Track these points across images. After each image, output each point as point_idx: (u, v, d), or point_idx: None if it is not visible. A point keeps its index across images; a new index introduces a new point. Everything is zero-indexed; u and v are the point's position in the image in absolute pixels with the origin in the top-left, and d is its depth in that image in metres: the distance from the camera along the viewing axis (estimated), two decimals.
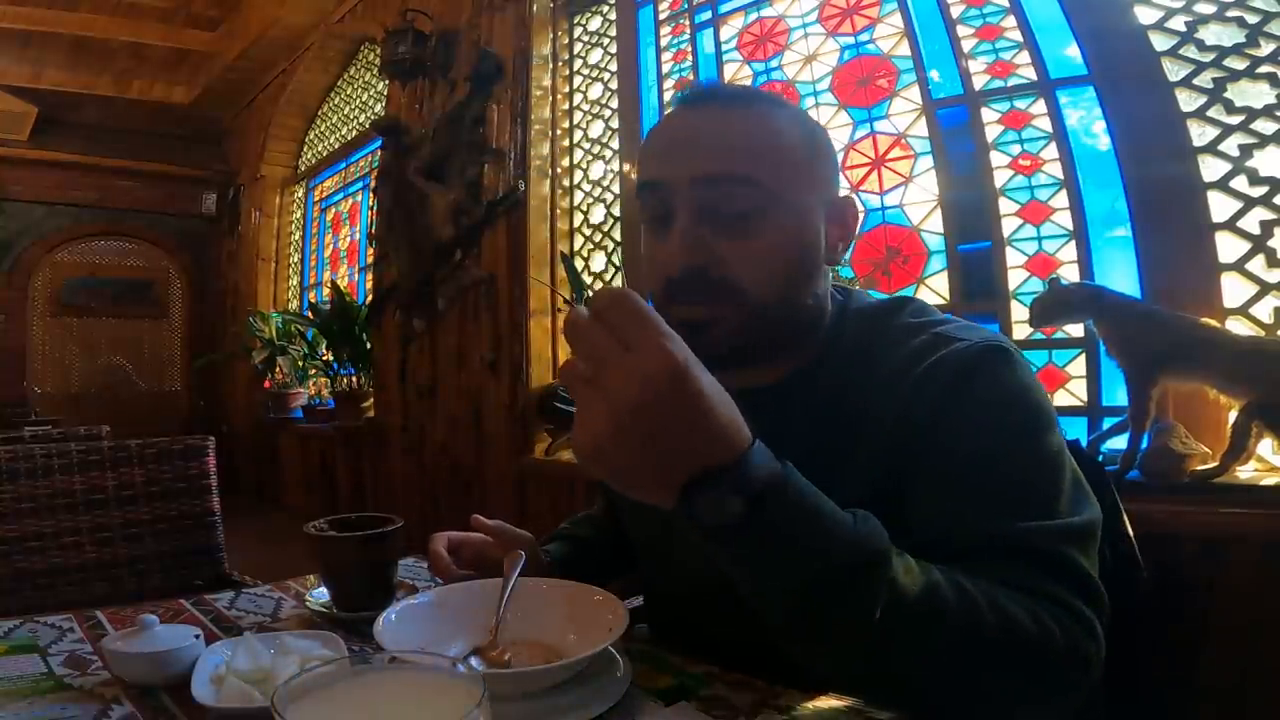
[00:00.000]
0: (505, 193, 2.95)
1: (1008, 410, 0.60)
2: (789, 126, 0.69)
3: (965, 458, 0.58)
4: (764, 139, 0.67)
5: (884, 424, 0.63)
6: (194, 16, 4.96)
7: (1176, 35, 1.66)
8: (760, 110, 0.69)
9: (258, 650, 0.65)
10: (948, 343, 0.64)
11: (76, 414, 4.97)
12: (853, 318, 0.73)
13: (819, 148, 0.71)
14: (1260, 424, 1.35)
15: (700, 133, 0.68)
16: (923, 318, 0.70)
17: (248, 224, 5.41)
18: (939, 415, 0.60)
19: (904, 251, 2.11)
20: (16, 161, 5.28)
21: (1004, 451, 0.58)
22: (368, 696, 0.43)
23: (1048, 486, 0.57)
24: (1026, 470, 0.58)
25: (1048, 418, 0.61)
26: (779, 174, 0.66)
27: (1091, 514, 0.58)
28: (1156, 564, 0.87)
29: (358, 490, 3.89)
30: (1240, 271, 1.56)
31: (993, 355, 0.62)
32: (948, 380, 0.61)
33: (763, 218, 0.66)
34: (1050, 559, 0.54)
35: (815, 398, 0.70)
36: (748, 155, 0.66)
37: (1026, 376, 0.63)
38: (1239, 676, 1.34)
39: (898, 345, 0.67)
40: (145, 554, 1.37)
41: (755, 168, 0.66)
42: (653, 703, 0.61)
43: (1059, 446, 0.60)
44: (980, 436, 0.58)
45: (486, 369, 2.99)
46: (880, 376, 0.66)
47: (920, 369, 0.63)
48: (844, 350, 0.71)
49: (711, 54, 2.64)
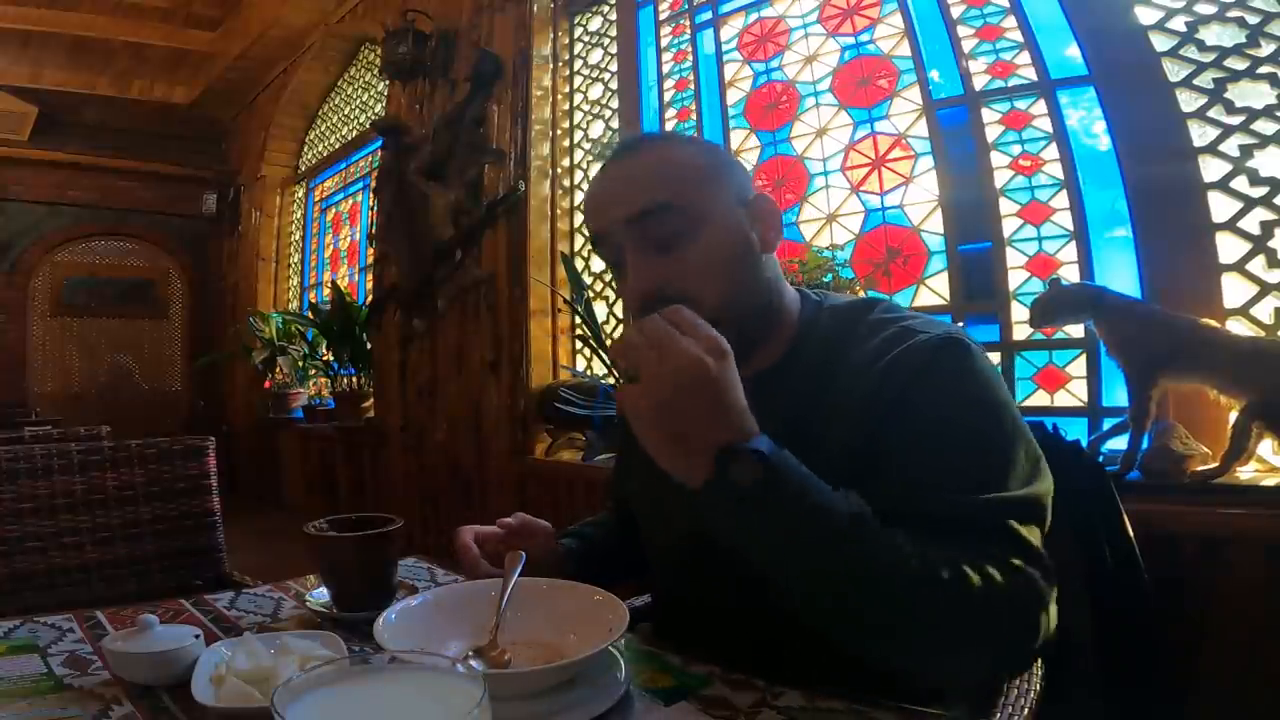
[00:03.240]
0: (505, 193, 2.95)
1: (965, 394, 0.66)
2: (690, 154, 0.80)
3: (924, 437, 0.65)
4: (672, 170, 0.78)
5: (852, 409, 0.69)
6: (194, 16, 4.97)
7: (1177, 35, 1.66)
8: (663, 148, 0.82)
9: (258, 650, 0.65)
10: (912, 334, 0.71)
11: (76, 414, 4.97)
12: (826, 314, 0.81)
13: (721, 163, 0.82)
14: (1260, 424, 1.35)
15: (620, 181, 0.79)
16: (892, 314, 0.77)
17: (248, 224, 5.41)
18: (903, 399, 0.66)
19: (904, 252, 2.11)
20: (16, 161, 5.29)
21: (961, 431, 0.65)
22: (368, 696, 0.43)
23: (996, 467, 0.64)
24: (980, 448, 0.64)
25: (1002, 401, 0.67)
26: (691, 194, 0.76)
27: (1040, 487, 0.65)
28: (1156, 564, 0.87)
29: (358, 490, 3.89)
30: (1240, 272, 1.56)
31: (953, 345, 0.68)
32: (913, 367, 0.67)
33: (690, 233, 0.76)
34: (998, 531, 0.61)
35: (791, 386, 0.77)
36: (662, 186, 0.76)
37: (984, 364, 0.70)
38: (1239, 676, 1.34)
39: (867, 339, 0.74)
40: (145, 554, 1.37)
41: (671, 194, 0.76)
42: (653, 703, 0.61)
43: (1013, 425, 0.66)
44: (938, 418, 0.65)
45: (487, 369, 2.99)
46: (850, 366, 0.73)
47: (887, 358, 0.69)
48: (817, 344, 0.78)
49: (712, 54, 2.64)
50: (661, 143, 0.85)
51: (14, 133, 5.18)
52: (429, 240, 3.22)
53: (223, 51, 5.12)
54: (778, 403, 0.74)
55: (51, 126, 5.28)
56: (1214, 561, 1.36)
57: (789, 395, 0.76)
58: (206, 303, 5.98)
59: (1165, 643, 1.30)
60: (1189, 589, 1.37)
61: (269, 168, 5.29)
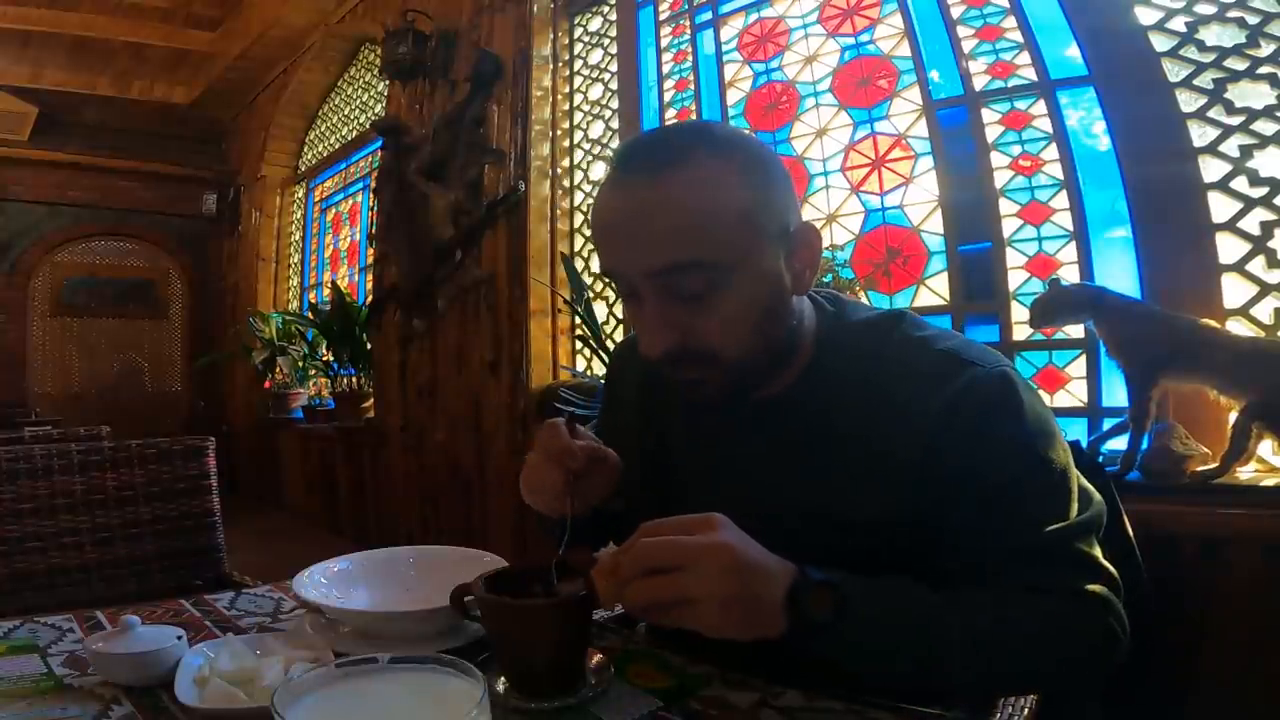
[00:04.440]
0: (505, 193, 2.95)
1: (1027, 438, 0.68)
2: (725, 177, 0.67)
3: (996, 487, 0.66)
4: (701, 212, 0.66)
5: (909, 451, 0.68)
6: (194, 16, 4.97)
7: (1177, 36, 1.66)
8: (691, 171, 0.66)
9: (241, 651, 0.65)
10: (961, 368, 0.69)
11: (76, 414, 4.98)
12: (845, 331, 0.77)
13: (764, 185, 0.69)
14: (1260, 425, 1.35)
15: (638, 221, 0.67)
16: (922, 332, 0.74)
17: (248, 224, 5.41)
18: (970, 449, 0.67)
19: (904, 252, 2.11)
20: (16, 161, 5.29)
21: (1027, 476, 0.67)
22: (367, 697, 0.43)
23: (1062, 496, 0.67)
24: (1045, 487, 0.67)
25: (1055, 434, 0.69)
26: (723, 246, 0.67)
27: (1095, 508, 0.69)
28: (1156, 564, 0.87)
29: (358, 490, 3.89)
30: (1240, 272, 1.56)
31: (1008, 385, 0.69)
32: (974, 415, 0.67)
33: (719, 290, 0.68)
34: (1068, 558, 0.65)
35: (811, 409, 0.74)
36: (689, 238, 0.66)
37: (1034, 398, 0.70)
38: (1239, 676, 1.34)
39: (903, 366, 0.71)
40: (145, 554, 1.37)
41: (698, 249, 0.66)
42: (653, 703, 0.61)
43: (1065, 455, 0.69)
44: (1007, 466, 0.67)
45: (486, 369, 2.99)
46: (892, 388, 0.70)
47: (941, 400, 0.68)
48: (837, 364, 0.75)
49: (712, 54, 2.64)
50: (695, 159, 0.67)
51: (14, 133, 5.18)
52: (429, 240, 3.22)
53: (223, 51, 5.12)
54: (797, 427, 0.74)
55: (51, 126, 5.28)
56: (1214, 561, 1.37)
57: (807, 419, 0.74)
58: (206, 303, 5.98)
59: (1165, 643, 1.30)
60: (1189, 589, 1.37)
61: (269, 168, 5.29)
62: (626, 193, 0.69)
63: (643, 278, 0.68)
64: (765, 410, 0.76)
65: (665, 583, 0.56)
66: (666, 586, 0.56)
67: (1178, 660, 1.37)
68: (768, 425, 0.77)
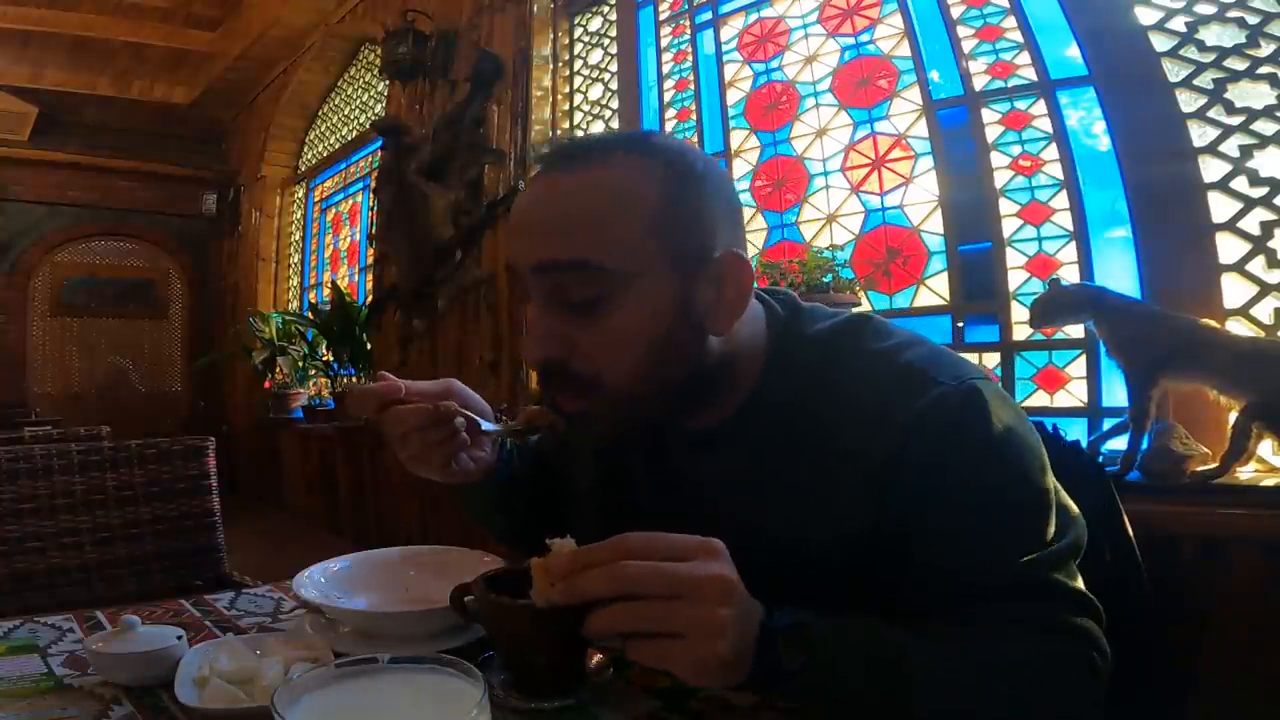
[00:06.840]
0: (505, 193, 2.96)
1: (997, 454, 0.61)
2: (639, 181, 0.61)
3: (966, 509, 0.60)
4: (599, 210, 0.60)
5: (869, 463, 0.62)
6: (194, 16, 4.97)
7: (1177, 36, 1.66)
8: (604, 169, 0.61)
9: (241, 651, 0.65)
10: (927, 384, 0.62)
11: (76, 414, 4.97)
12: (804, 344, 0.69)
13: (687, 199, 0.62)
14: (1260, 425, 1.35)
15: (536, 212, 0.63)
16: (884, 343, 0.67)
17: (248, 224, 5.41)
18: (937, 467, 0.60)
19: (904, 252, 2.11)
20: (16, 161, 5.29)
21: (999, 497, 0.61)
22: (368, 697, 0.43)
23: (1037, 521, 0.61)
24: (1020, 509, 0.61)
25: (1032, 452, 0.63)
26: (618, 252, 0.60)
27: (1075, 531, 0.63)
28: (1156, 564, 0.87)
29: (358, 490, 3.89)
30: (1240, 272, 1.56)
31: (977, 397, 0.62)
32: (941, 427, 0.61)
33: (607, 302, 0.60)
34: (1043, 589, 0.59)
35: (766, 430, 0.68)
36: (582, 235, 0.60)
37: (1007, 411, 0.63)
38: (1239, 676, 1.34)
39: (865, 376, 0.65)
40: (145, 554, 1.37)
41: (587, 250, 0.59)
42: (653, 703, 0.61)
43: (1042, 475, 0.63)
44: (974, 494, 0.60)
45: (486, 369, 2.99)
46: (850, 409, 0.64)
47: (908, 415, 0.61)
48: (794, 378, 0.67)
49: (712, 55, 2.64)
50: (608, 166, 0.61)
51: (14, 133, 5.18)
52: (429, 240, 3.22)
53: (223, 51, 5.12)
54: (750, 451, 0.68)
55: (51, 126, 5.29)
56: (1214, 561, 1.36)
57: (763, 441, 0.67)
58: (206, 303, 5.98)
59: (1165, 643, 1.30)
60: (1189, 589, 1.37)
61: (269, 168, 5.29)
62: (535, 184, 0.64)
63: (531, 273, 0.63)
64: (701, 442, 0.71)
65: (653, 610, 0.50)
66: (652, 614, 0.50)
67: (1178, 660, 1.36)
68: (704, 458, 0.71)
